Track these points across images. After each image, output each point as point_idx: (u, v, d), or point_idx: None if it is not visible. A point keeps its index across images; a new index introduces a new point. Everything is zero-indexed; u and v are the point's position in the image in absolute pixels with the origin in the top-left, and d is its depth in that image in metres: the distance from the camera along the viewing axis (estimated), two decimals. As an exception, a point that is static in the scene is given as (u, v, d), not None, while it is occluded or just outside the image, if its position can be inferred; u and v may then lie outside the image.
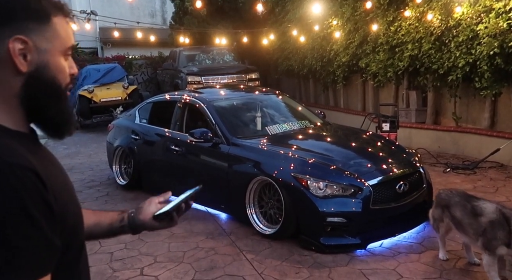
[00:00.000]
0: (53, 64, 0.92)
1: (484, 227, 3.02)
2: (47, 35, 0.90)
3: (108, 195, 5.77)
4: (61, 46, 0.93)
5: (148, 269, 3.62)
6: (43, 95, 0.91)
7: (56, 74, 0.92)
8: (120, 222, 1.28)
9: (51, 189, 0.83)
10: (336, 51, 9.50)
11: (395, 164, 4.27)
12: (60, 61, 0.94)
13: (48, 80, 0.91)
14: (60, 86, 0.94)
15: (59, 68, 0.93)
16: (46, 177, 0.83)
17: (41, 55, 0.90)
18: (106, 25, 15.02)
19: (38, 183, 0.80)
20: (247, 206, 4.27)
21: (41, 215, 0.80)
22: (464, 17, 6.30)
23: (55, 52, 0.92)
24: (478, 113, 6.99)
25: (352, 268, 3.48)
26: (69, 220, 0.89)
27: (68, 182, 0.98)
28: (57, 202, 0.84)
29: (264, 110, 5.36)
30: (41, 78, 0.90)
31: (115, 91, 11.64)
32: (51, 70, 0.91)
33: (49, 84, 0.91)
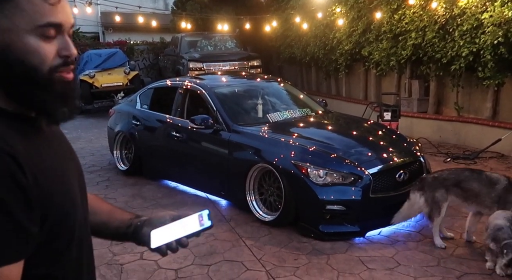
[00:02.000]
0: (19, 46, 0.82)
1: (499, 194, 3.31)
2: (6, 13, 0.81)
3: (108, 180, 5.80)
4: (28, 25, 0.82)
5: (147, 253, 3.65)
6: (13, 78, 0.83)
7: (24, 56, 0.83)
8: (126, 228, 1.20)
9: (31, 173, 0.80)
10: (339, 39, 9.43)
11: (396, 153, 4.28)
12: (29, 40, 0.83)
13: (15, 63, 0.82)
14: (34, 69, 0.84)
15: (28, 49, 0.83)
16: (27, 161, 0.80)
17: (3, 36, 0.81)
18: (107, 10, 14.90)
19: (12, 166, 0.77)
20: (247, 193, 4.29)
21: (11, 199, 0.76)
22: (469, 5, 6.23)
23: (20, 32, 0.82)
24: (480, 103, 6.96)
25: (350, 255, 3.51)
26: (55, 207, 0.85)
27: (64, 168, 0.94)
28: (39, 187, 0.81)
29: (266, 98, 5.35)
30: (7, 61, 0.82)
31: (116, 77, 11.60)
32: (17, 52, 0.82)
33: (17, 67, 0.83)
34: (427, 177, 3.76)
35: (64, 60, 0.88)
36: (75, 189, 0.96)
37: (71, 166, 0.99)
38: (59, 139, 1.01)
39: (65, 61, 0.88)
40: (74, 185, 0.97)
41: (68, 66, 0.89)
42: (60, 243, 0.89)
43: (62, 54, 0.88)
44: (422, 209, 3.66)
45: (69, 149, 1.04)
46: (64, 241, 0.90)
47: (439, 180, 3.61)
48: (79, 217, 0.95)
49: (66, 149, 1.03)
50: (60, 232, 0.88)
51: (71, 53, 0.89)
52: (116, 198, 5.08)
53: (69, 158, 1.01)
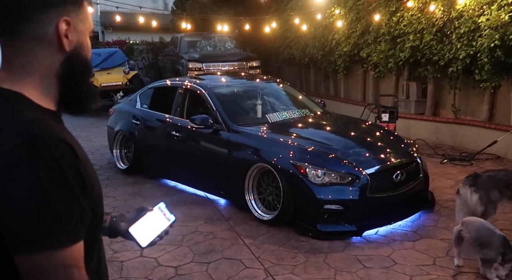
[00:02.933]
0: (85, 44, 1.01)
1: None
2: (81, 17, 0.99)
3: (108, 179, 5.83)
4: (89, 28, 1.03)
5: (148, 251, 3.69)
6: (79, 71, 1.00)
7: (88, 53, 1.02)
8: None
9: (82, 161, 0.91)
10: (338, 40, 9.48)
11: (393, 153, 4.33)
12: (88, 41, 1.03)
13: (83, 58, 1.00)
14: (91, 64, 1.05)
15: (89, 47, 1.03)
16: (78, 151, 0.91)
17: (79, 35, 0.99)
18: (107, 9, 14.91)
19: (73, 156, 0.88)
20: (246, 192, 4.34)
21: (76, 184, 0.87)
22: (466, 8, 6.29)
23: (86, 33, 1.01)
24: (477, 105, 7.03)
25: (347, 254, 3.56)
26: (95, 191, 0.96)
27: (89, 158, 1.05)
28: (87, 174, 0.91)
29: (265, 98, 5.40)
30: (78, 56, 0.99)
31: (115, 76, 11.62)
32: (85, 49, 1.01)
33: (83, 62, 1.00)
34: (482, 175, 3.70)
35: None
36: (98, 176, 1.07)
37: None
38: None
39: None
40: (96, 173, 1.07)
41: None
42: (95, 224, 0.97)
43: None
44: (476, 208, 3.57)
45: None
46: (97, 222, 1.00)
47: (493, 180, 3.57)
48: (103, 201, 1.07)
49: None
50: (95, 214, 0.97)
51: (91, 53, 1.08)
52: (116, 196, 5.11)
53: None
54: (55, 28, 0.93)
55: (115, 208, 4.73)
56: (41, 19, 0.92)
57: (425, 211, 4.35)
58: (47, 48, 0.94)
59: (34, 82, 0.95)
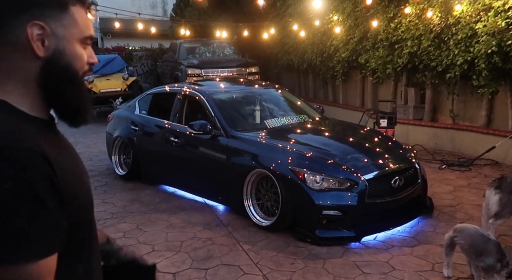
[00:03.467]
0: (69, 51, 0.95)
1: None
2: (64, 23, 0.94)
3: (107, 185, 5.83)
4: (78, 34, 0.96)
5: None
6: (59, 80, 0.94)
7: (72, 61, 0.95)
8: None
9: (60, 173, 0.87)
10: (336, 46, 9.53)
11: (391, 159, 4.34)
12: (77, 48, 0.96)
13: (64, 66, 0.94)
14: (76, 72, 0.97)
15: (75, 55, 0.96)
16: (55, 162, 0.87)
17: (58, 41, 0.93)
18: (106, 16, 14.95)
19: (46, 166, 0.84)
20: (245, 198, 4.33)
21: (48, 196, 0.83)
22: (464, 15, 6.34)
23: (72, 40, 0.95)
24: (475, 111, 7.05)
25: (346, 260, 3.55)
26: (80, 204, 0.93)
27: (81, 171, 1.02)
28: (66, 185, 0.88)
29: (263, 104, 5.42)
30: (58, 64, 0.93)
31: (114, 82, 11.64)
32: (67, 56, 0.94)
33: (64, 70, 0.94)
34: (507, 177, 3.71)
35: (90, 67, 1.02)
36: (90, 190, 1.05)
37: (83, 168, 1.07)
38: (69, 145, 1.08)
39: (90, 68, 1.02)
40: (88, 183, 1.05)
41: (90, 72, 1.03)
42: (81, 234, 0.96)
43: (89, 62, 1.01)
44: (493, 207, 3.59)
45: (77, 154, 1.11)
46: (84, 232, 0.97)
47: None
48: (92, 219, 1.04)
49: (76, 154, 1.09)
50: (80, 223, 0.95)
51: (95, 61, 1.03)
52: (115, 203, 5.11)
53: (80, 161, 1.08)
54: (25, 33, 0.89)
55: (113, 214, 4.72)
56: (13, 23, 0.89)
57: (423, 217, 4.35)
58: (23, 54, 0.91)
59: (17, 89, 0.92)
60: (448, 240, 3.22)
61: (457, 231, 3.18)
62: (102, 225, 4.39)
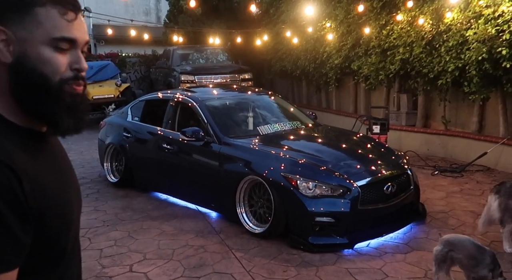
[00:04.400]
0: (33, 55, 0.87)
1: None
2: (26, 25, 0.87)
3: (99, 192, 5.78)
4: (44, 37, 0.88)
5: (137, 266, 3.64)
6: (26, 86, 0.88)
7: (38, 66, 0.88)
8: None
9: (29, 186, 0.82)
10: (329, 53, 9.58)
11: (384, 165, 4.35)
12: (43, 52, 0.88)
13: (29, 72, 0.87)
14: (46, 78, 0.88)
15: (42, 59, 0.88)
16: (27, 176, 0.83)
17: (20, 45, 0.87)
18: (99, 22, 14.94)
19: (10, 178, 0.80)
20: (237, 205, 4.31)
21: (8, 210, 0.79)
22: (454, 22, 6.40)
23: (36, 43, 0.87)
24: (466, 117, 7.10)
25: (339, 267, 3.54)
26: (48, 223, 0.88)
27: (64, 185, 0.97)
28: (35, 202, 0.83)
29: (256, 110, 5.41)
30: (22, 69, 0.87)
31: (107, 89, 11.60)
32: (31, 61, 0.87)
33: (30, 76, 0.88)
34: (507, 182, 3.72)
35: (75, 73, 0.93)
36: (73, 206, 0.99)
37: (71, 182, 1.02)
38: (61, 154, 1.04)
39: (76, 75, 0.93)
40: (73, 202, 0.99)
41: (78, 80, 0.93)
42: (53, 256, 0.92)
43: (73, 67, 0.92)
44: (494, 214, 3.60)
45: (68, 163, 1.07)
46: (57, 253, 0.93)
47: None
48: (72, 234, 0.98)
49: (67, 164, 1.05)
50: (53, 245, 0.91)
51: (82, 67, 0.93)
52: (106, 210, 5.06)
53: (69, 173, 1.04)
54: None
55: (105, 222, 4.68)
56: None
57: (416, 223, 4.35)
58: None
59: (2, 100, 0.89)
60: (440, 255, 3.04)
61: (449, 244, 3.04)
62: (93, 233, 4.35)
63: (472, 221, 4.40)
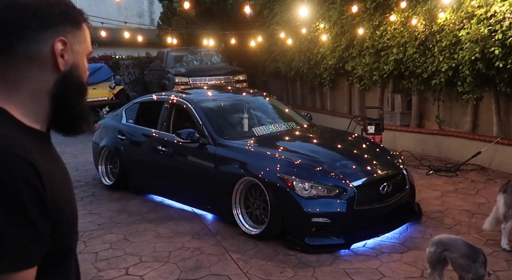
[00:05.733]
0: (81, 65, 1.01)
1: None
2: (79, 39, 1.00)
3: (93, 195, 5.74)
4: (87, 50, 1.03)
5: (133, 268, 3.62)
6: (73, 92, 1.00)
7: (83, 74, 1.02)
8: None
9: (47, 186, 0.85)
10: (323, 54, 9.60)
11: (379, 165, 4.35)
12: (85, 63, 1.03)
13: (78, 79, 1.00)
14: (86, 86, 1.04)
15: (84, 68, 1.03)
16: (44, 174, 0.86)
17: (75, 56, 0.99)
18: (93, 25, 14.87)
19: (34, 176, 0.83)
20: (233, 207, 4.30)
21: (33, 207, 0.81)
22: (447, 22, 6.44)
23: (83, 55, 1.02)
24: (460, 116, 7.14)
25: (336, 267, 3.54)
26: (61, 221, 0.90)
27: (68, 186, 1.02)
28: (52, 200, 0.86)
29: (251, 112, 5.41)
30: (73, 77, 0.99)
31: (101, 91, 11.54)
32: (80, 70, 1.01)
33: (78, 83, 1.00)
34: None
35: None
36: (75, 207, 1.03)
37: (70, 182, 1.06)
38: (60, 159, 1.08)
39: None
40: (74, 203, 1.03)
41: None
42: (60, 254, 0.93)
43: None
44: (500, 210, 3.69)
45: (66, 169, 1.10)
46: (64, 252, 0.95)
47: None
48: (76, 234, 1.02)
49: (65, 169, 1.09)
50: (63, 243, 0.92)
51: (87, 73, 1.07)
52: (101, 213, 5.02)
53: (68, 174, 1.08)
54: (50, 47, 0.93)
55: (100, 225, 4.64)
56: (37, 38, 0.92)
57: (412, 223, 4.36)
58: (41, 67, 0.94)
59: (22, 100, 0.93)
60: (435, 256, 3.01)
61: (443, 244, 3.01)
62: (88, 237, 4.32)
63: (468, 220, 4.42)
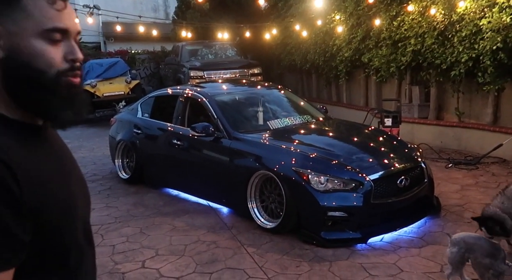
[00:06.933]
0: (25, 48, 0.84)
1: None
2: (15, 17, 0.84)
3: (110, 189, 5.80)
4: (35, 29, 0.85)
5: (149, 262, 3.64)
6: (19, 80, 0.85)
7: (31, 59, 0.85)
8: None
9: (25, 182, 0.80)
10: (339, 46, 9.47)
11: (397, 159, 4.28)
12: (35, 44, 0.85)
13: (22, 66, 0.85)
14: (40, 71, 0.86)
15: (34, 52, 0.85)
16: (23, 172, 0.80)
17: (11, 39, 0.84)
18: (109, 20, 14.99)
19: (5, 174, 0.77)
20: (248, 200, 4.28)
21: (3, 207, 0.76)
22: (468, 11, 6.26)
23: (27, 35, 0.85)
24: (481, 108, 6.96)
25: (352, 262, 3.49)
26: (50, 216, 0.85)
27: (66, 180, 0.95)
28: (34, 195, 0.81)
29: (266, 105, 5.37)
30: (14, 64, 0.84)
31: (117, 86, 11.66)
32: (24, 54, 0.84)
33: (24, 70, 0.85)
34: None
35: (71, 64, 0.90)
36: (76, 199, 0.96)
37: (73, 174, 1.00)
38: (61, 147, 1.02)
39: (72, 66, 0.90)
40: (76, 194, 0.96)
41: (74, 71, 0.91)
42: (54, 254, 0.88)
43: (68, 58, 0.89)
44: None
45: (69, 156, 1.05)
46: (59, 251, 0.90)
47: None
48: (79, 230, 0.96)
49: (68, 157, 1.03)
50: (57, 241, 0.88)
51: (77, 57, 0.90)
52: (118, 206, 5.07)
53: (71, 166, 1.01)
54: None
55: (117, 219, 4.69)
56: None
57: (430, 217, 4.28)
58: None
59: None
60: (458, 256, 2.90)
61: (465, 243, 2.90)
62: (105, 230, 4.36)
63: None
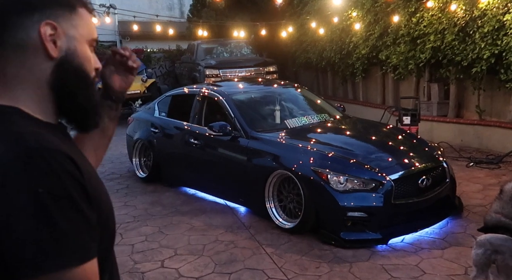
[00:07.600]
0: (80, 52, 0.92)
1: None
2: (74, 23, 0.91)
3: (128, 187, 5.84)
4: (87, 36, 0.94)
5: (168, 261, 3.65)
6: (72, 81, 0.91)
7: (84, 62, 0.93)
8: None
9: (85, 175, 0.84)
10: (356, 43, 9.35)
11: (417, 158, 4.19)
12: (87, 50, 0.94)
13: (77, 67, 0.91)
14: (88, 74, 0.94)
15: (86, 56, 0.94)
16: (80, 164, 0.84)
17: (69, 42, 0.90)
18: (125, 19, 15.10)
19: (74, 168, 0.81)
20: (266, 200, 4.26)
21: (80, 198, 0.80)
22: (490, 7, 6.11)
23: (82, 40, 0.93)
24: (502, 106, 6.80)
25: (373, 263, 3.44)
26: (102, 207, 0.89)
27: (97, 175, 0.99)
28: (91, 188, 0.85)
29: (283, 103, 5.33)
30: (70, 64, 0.90)
31: (134, 85, 11.63)
32: (79, 57, 0.92)
33: (77, 71, 0.92)
34: None
35: (96, 72, 0.98)
36: (107, 191, 1.00)
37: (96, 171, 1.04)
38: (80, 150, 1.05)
39: (96, 73, 0.99)
40: (105, 188, 1.00)
41: (97, 77, 1.00)
42: (104, 244, 0.91)
43: (95, 66, 0.98)
44: None
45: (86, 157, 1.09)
46: (107, 242, 0.93)
47: None
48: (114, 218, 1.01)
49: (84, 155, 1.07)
50: (106, 232, 0.90)
51: (100, 66, 1.00)
52: (136, 205, 5.10)
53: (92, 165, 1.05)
54: (38, 32, 0.86)
55: (135, 217, 4.71)
56: (23, 24, 0.85)
57: (452, 217, 4.19)
58: (35, 56, 0.87)
59: (28, 94, 0.88)
60: (484, 258, 2.76)
61: (492, 245, 2.77)
62: (124, 229, 4.39)
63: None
